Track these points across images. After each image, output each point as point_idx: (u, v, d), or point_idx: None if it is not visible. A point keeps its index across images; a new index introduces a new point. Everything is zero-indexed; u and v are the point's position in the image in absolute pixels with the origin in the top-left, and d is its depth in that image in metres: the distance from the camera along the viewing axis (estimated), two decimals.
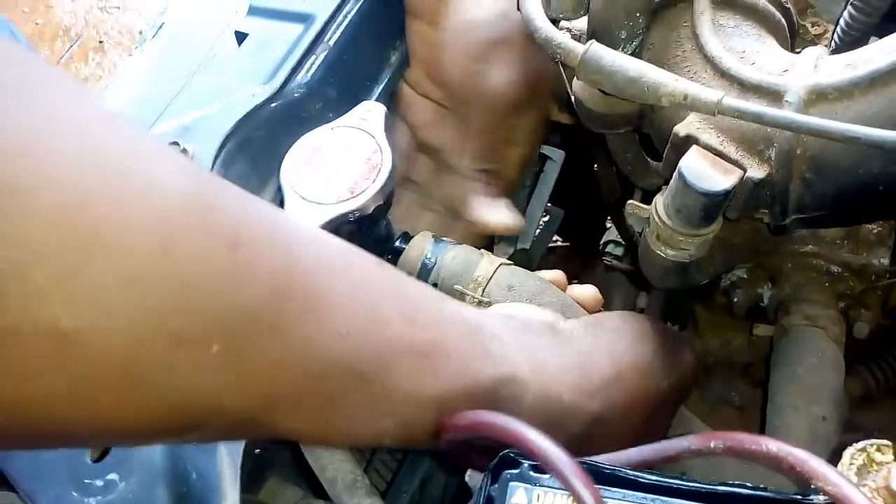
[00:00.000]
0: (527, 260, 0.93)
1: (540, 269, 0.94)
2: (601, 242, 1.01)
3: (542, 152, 0.84)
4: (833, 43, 0.51)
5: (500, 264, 0.59)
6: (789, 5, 0.54)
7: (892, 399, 0.85)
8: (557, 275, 0.60)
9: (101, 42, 1.90)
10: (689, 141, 0.48)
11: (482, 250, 0.61)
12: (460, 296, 0.57)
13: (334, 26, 0.65)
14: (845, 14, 0.49)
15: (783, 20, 0.52)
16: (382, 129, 0.58)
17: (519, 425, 0.38)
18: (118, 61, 1.83)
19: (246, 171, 0.59)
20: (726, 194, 0.46)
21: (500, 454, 0.41)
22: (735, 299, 0.80)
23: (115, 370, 0.28)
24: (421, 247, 0.60)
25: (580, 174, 0.94)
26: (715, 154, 0.48)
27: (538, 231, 0.97)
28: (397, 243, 0.61)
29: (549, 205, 0.99)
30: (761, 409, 0.78)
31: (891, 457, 0.39)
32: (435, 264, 0.59)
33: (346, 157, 0.57)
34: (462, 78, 0.62)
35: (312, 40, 0.64)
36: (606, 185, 0.85)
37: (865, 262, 0.76)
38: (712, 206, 0.47)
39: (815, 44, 0.55)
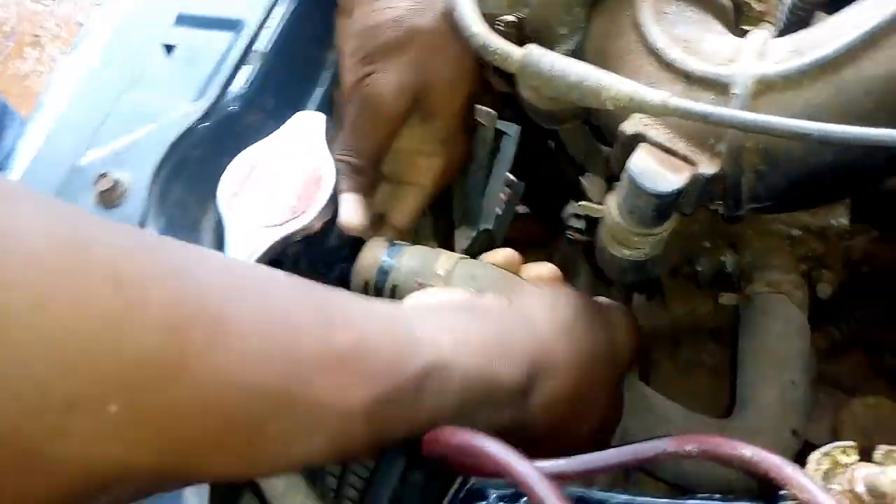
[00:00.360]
0: (490, 240, 0.92)
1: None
2: (563, 215, 1.00)
3: (497, 128, 0.82)
4: (779, 22, 0.50)
5: (459, 258, 0.57)
6: None
7: (856, 349, 0.86)
8: (509, 254, 0.58)
9: (37, 36, 1.82)
10: (637, 139, 0.47)
11: (438, 248, 0.60)
12: (420, 287, 0.55)
13: (266, 31, 0.62)
14: None
15: (727, 1, 0.51)
16: (323, 139, 0.56)
17: (506, 453, 0.37)
18: (58, 56, 1.76)
19: (184, 197, 0.57)
20: (678, 193, 0.45)
21: (467, 487, 0.40)
22: (699, 268, 0.80)
23: (2, 446, 0.26)
24: (375, 252, 0.58)
25: (537, 144, 0.92)
26: (664, 151, 0.46)
27: (501, 208, 0.95)
28: (350, 252, 0.60)
29: (509, 176, 0.97)
30: (730, 370, 0.78)
31: (855, 457, 0.39)
32: (392, 267, 0.57)
33: (285, 174, 0.54)
34: (350, 78, 0.60)
35: (244, 49, 0.61)
36: (564, 164, 0.84)
37: (825, 223, 0.75)
38: (664, 205, 0.46)
39: (761, 20, 0.53)
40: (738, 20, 0.54)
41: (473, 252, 0.87)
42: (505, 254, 0.58)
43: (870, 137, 0.39)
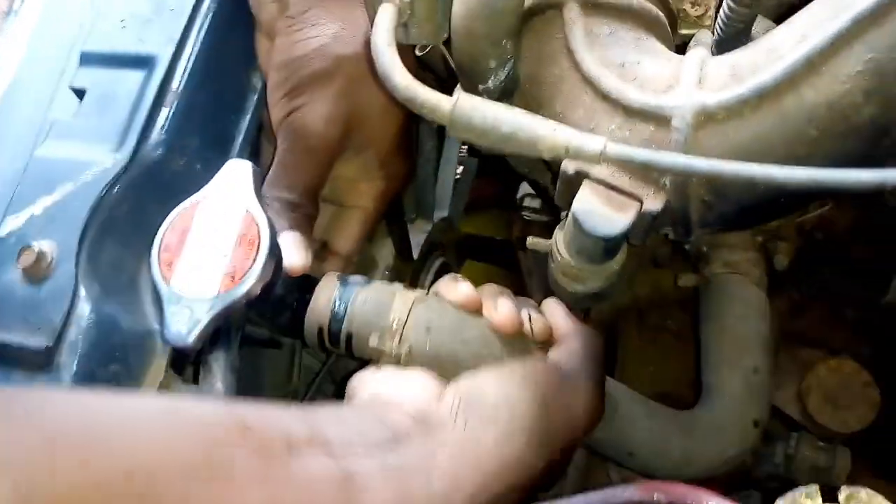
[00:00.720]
0: (449, 226, 0.90)
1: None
2: (518, 196, 0.98)
3: None
4: (716, 32, 0.47)
5: (414, 301, 0.54)
6: None
7: (818, 304, 0.87)
8: (468, 295, 0.53)
9: None
10: (580, 176, 0.45)
11: (394, 284, 0.56)
12: (378, 354, 0.53)
13: (180, 65, 0.58)
14: (724, 7, 0.45)
15: (661, 14, 0.48)
16: (253, 193, 0.52)
17: None
18: None
19: (117, 257, 0.54)
20: (625, 233, 0.44)
21: None
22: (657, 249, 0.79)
23: None
24: (328, 294, 0.54)
25: None
26: (608, 187, 0.44)
27: (455, 188, 0.93)
28: (298, 294, 0.56)
29: (461, 155, 0.95)
30: (693, 336, 0.79)
31: (819, 500, 0.39)
32: (345, 313, 0.54)
33: (219, 236, 0.51)
34: (278, 113, 0.58)
35: (159, 87, 0.57)
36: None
37: None
38: (612, 245, 0.45)
39: (699, 25, 0.51)
40: (675, 26, 0.51)
41: (435, 240, 0.85)
42: (464, 294, 0.53)
43: (813, 179, 0.37)
